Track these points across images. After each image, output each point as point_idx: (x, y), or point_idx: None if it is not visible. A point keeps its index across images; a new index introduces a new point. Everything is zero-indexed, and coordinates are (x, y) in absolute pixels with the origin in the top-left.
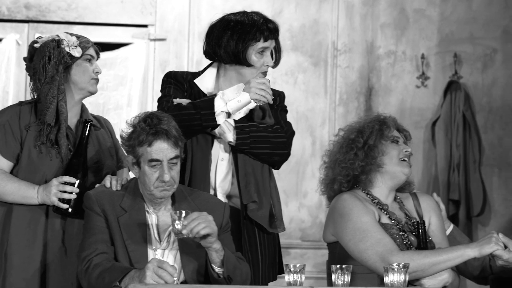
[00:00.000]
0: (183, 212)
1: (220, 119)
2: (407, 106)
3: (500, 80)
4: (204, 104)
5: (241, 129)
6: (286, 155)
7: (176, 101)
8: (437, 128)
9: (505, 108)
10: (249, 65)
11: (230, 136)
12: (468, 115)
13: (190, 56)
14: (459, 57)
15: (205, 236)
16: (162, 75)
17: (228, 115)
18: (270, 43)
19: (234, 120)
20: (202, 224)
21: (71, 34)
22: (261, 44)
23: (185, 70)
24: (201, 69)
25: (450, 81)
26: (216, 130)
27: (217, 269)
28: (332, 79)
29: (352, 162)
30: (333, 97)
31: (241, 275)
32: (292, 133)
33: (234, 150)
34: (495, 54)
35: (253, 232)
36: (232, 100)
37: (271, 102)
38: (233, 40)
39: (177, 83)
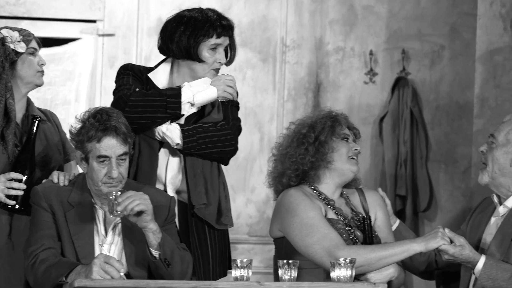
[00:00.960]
0: (119, 191)
1: (185, 108)
2: (355, 102)
3: (447, 76)
4: (171, 92)
5: (187, 133)
6: (233, 151)
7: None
8: (384, 124)
9: (452, 104)
10: (200, 60)
11: (177, 140)
12: (415, 111)
13: (139, 52)
14: (407, 54)
15: (140, 214)
16: (111, 71)
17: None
18: (223, 40)
19: (179, 124)
20: (137, 200)
21: (12, 29)
22: (213, 40)
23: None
24: (150, 64)
25: (398, 77)
26: (162, 131)
27: (154, 252)
28: (280, 75)
29: (303, 157)
30: (282, 93)
31: (182, 262)
32: (238, 128)
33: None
34: (443, 51)
35: (203, 229)
36: (200, 92)
37: (236, 99)
38: (186, 35)
39: (135, 75)
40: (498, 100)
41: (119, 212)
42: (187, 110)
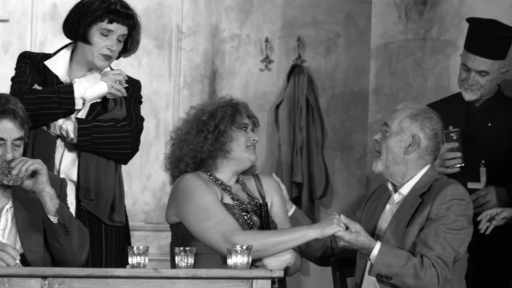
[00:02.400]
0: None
1: (79, 103)
2: (251, 89)
3: (342, 64)
4: (63, 88)
5: (82, 131)
6: (130, 154)
7: (34, 86)
8: (280, 111)
9: (347, 92)
10: (88, 42)
11: (71, 135)
12: (311, 99)
13: (33, 38)
14: (302, 41)
15: (34, 174)
16: (5, 57)
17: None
18: (117, 27)
19: (77, 119)
20: (30, 161)
21: None
22: (104, 24)
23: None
24: (45, 50)
25: (294, 64)
26: (58, 124)
27: (52, 218)
28: (176, 62)
29: (202, 145)
30: (178, 80)
31: (80, 233)
32: (140, 130)
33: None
34: (338, 38)
35: (99, 224)
36: (90, 89)
37: (125, 95)
38: (78, 15)
39: (32, 64)
40: (393, 88)
41: (14, 176)
42: (80, 105)
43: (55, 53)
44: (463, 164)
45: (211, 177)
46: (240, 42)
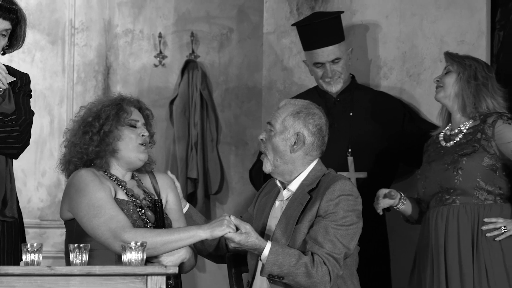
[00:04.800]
0: None
1: None
2: (145, 85)
3: (236, 59)
4: None
5: None
6: (21, 148)
7: None
8: (175, 107)
9: (241, 86)
10: None
11: None
12: (205, 94)
13: None
14: (196, 36)
15: None
16: None
17: None
18: None
19: None
20: None
21: None
22: None
23: None
24: None
25: (187, 60)
26: None
27: None
28: (70, 58)
29: (87, 147)
30: (71, 75)
31: None
32: (29, 123)
33: None
34: (231, 33)
35: None
36: None
37: (6, 86)
38: None
39: None
40: (286, 83)
41: None
42: None
43: None
44: None
45: (106, 173)
46: (133, 38)
